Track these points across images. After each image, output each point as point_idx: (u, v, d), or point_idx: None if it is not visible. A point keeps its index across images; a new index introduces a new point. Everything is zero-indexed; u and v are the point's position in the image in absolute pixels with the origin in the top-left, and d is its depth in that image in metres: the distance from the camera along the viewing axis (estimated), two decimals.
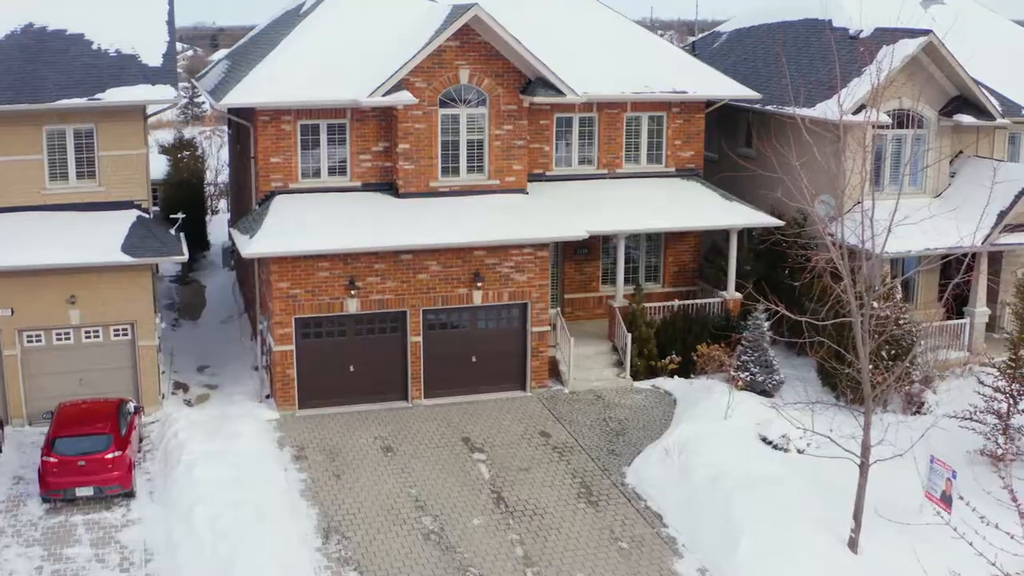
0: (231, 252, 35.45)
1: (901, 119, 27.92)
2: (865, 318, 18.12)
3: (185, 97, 62.90)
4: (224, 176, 44.21)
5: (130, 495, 20.54)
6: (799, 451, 22.19)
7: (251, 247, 23.41)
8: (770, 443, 22.47)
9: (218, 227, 40.28)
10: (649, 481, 21.41)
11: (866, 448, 18.28)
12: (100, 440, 20.38)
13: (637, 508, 20.64)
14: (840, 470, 20.48)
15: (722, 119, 31.86)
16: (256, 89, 24.60)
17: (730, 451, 21.70)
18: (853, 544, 18.53)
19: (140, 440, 22.91)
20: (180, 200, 35.99)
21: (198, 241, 37.93)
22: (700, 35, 38.52)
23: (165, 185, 37.66)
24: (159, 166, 40.14)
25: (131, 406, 22.43)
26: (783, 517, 19.10)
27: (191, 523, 18.83)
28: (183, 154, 40.49)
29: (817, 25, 31.56)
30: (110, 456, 20.14)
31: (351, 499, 20.64)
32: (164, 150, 42.54)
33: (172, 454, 21.79)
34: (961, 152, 30.01)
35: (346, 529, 19.56)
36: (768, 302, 25.21)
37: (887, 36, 27.87)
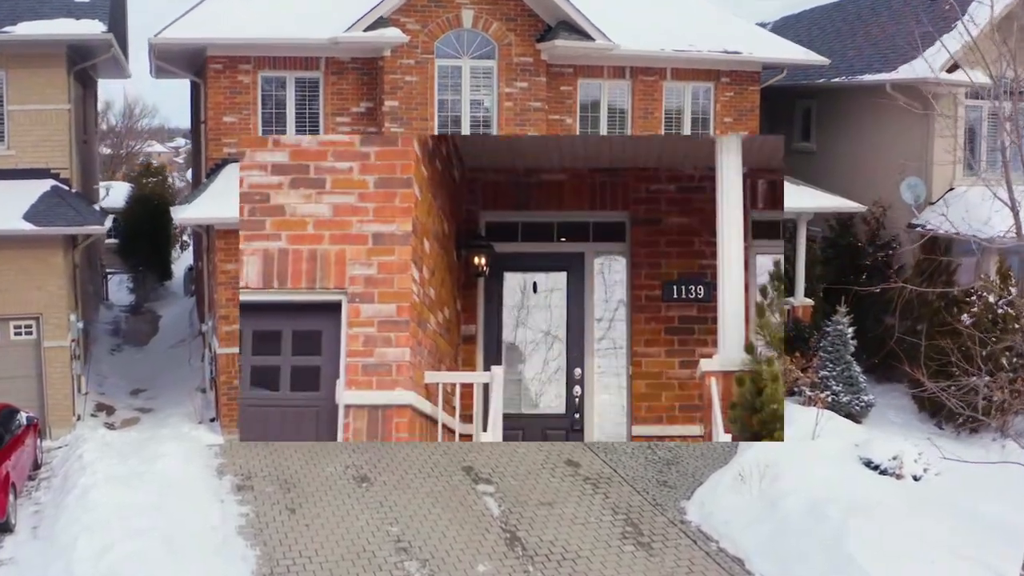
0: (191, 271, 30.33)
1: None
2: None
3: (182, 182, 58.37)
4: None
5: (5, 528, 14.83)
6: (915, 477, 16.54)
7: (185, 212, 18.03)
8: (875, 467, 16.80)
9: (186, 258, 35.16)
10: (720, 516, 15.64)
11: None
12: None
13: (707, 551, 14.84)
14: (977, 496, 15.37)
15: (773, 113, 26.92)
16: (204, 24, 19.61)
17: (826, 474, 16.01)
18: None
19: (37, 466, 17.32)
20: (142, 223, 31.22)
21: (160, 270, 33.03)
22: None
23: (127, 206, 32.80)
24: (122, 195, 35.47)
25: (23, 417, 16.89)
26: (920, 555, 13.35)
27: (70, 558, 13.10)
28: (149, 180, 35.79)
29: None
30: None
31: (307, 538, 14.91)
32: (129, 177, 37.98)
33: (71, 478, 16.14)
34: None
35: None
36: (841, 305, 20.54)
37: None
